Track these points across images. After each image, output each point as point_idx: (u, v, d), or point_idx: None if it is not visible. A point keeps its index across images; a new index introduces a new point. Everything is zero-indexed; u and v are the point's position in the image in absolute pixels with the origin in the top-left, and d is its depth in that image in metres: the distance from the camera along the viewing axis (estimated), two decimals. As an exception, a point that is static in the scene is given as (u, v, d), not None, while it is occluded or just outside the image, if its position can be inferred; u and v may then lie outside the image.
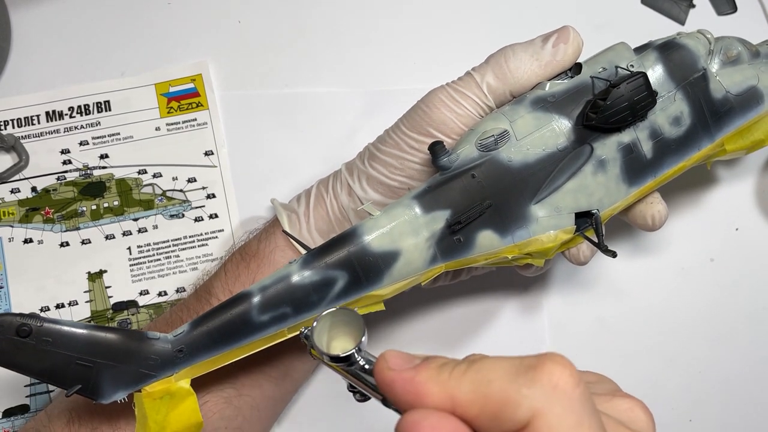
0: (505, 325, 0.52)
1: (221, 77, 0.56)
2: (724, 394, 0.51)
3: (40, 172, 0.54)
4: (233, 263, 0.44)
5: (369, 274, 0.38)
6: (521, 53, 0.41)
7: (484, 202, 0.38)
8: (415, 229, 0.38)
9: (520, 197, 0.39)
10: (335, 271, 0.37)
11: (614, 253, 0.40)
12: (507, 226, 0.39)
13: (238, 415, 0.43)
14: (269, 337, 0.38)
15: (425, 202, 0.38)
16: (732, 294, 0.53)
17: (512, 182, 0.39)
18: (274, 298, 0.37)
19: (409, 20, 0.57)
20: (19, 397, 0.50)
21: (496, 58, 0.41)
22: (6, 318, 0.35)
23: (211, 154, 0.54)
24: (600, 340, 0.52)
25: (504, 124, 0.39)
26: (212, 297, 0.43)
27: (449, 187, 0.38)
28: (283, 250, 0.43)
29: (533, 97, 0.40)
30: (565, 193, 0.39)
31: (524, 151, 0.39)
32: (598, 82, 0.40)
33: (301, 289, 0.37)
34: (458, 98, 0.41)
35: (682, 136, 0.41)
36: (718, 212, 0.54)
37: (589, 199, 0.40)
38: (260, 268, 0.43)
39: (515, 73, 0.40)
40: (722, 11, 0.58)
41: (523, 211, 0.39)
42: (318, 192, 0.45)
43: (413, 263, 0.38)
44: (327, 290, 0.38)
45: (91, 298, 0.51)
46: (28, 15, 0.57)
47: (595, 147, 0.39)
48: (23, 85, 0.55)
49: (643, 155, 0.40)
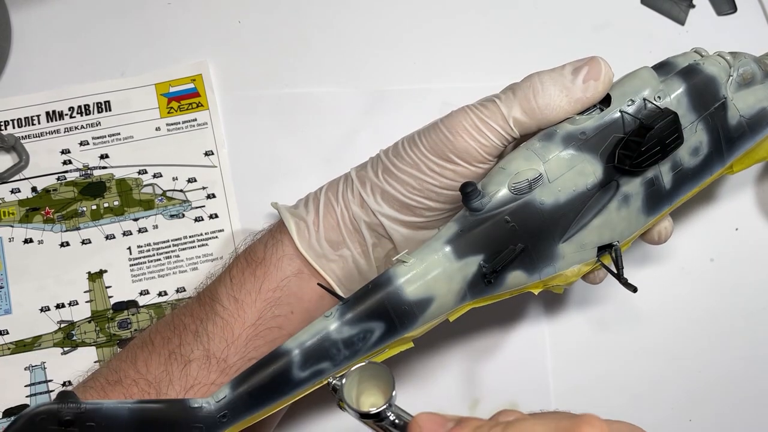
0: (504, 325, 0.52)
1: (221, 77, 0.56)
2: (724, 394, 0.51)
3: (41, 172, 0.54)
4: (238, 269, 0.44)
5: (404, 321, 0.37)
6: (550, 87, 0.39)
7: (517, 246, 0.38)
8: (449, 275, 0.37)
9: (550, 237, 0.39)
10: (372, 322, 0.37)
11: (635, 288, 0.40)
12: (536, 265, 0.39)
13: None
14: (306, 389, 0.38)
15: (458, 247, 0.38)
16: (732, 294, 0.53)
17: (544, 224, 0.38)
18: (313, 354, 0.36)
19: (409, 20, 0.57)
20: (19, 397, 0.50)
21: (524, 91, 0.40)
22: (46, 409, 0.32)
23: (211, 154, 0.54)
24: (600, 340, 0.52)
25: (537, 166, 0.38)
26: (216, 303, 0.43)
27: (482, 231, 0.38)
28: (291, 259, 0.43)
29: (564, 133, 0.39)
30: (591, 230, 0.40)
31: (556, 193, 0.38)
32: (627, 117, 0.39)
33: (339, 344, 0.37)
34: (483, 128, 0.40)
35: (699, 165, 0.42)
36: (718, 212, 0.54)
37: (611, 233, 0.40)
38: (267, 276, 0.43)
39: (544, 110, 0.39)
40: (722, 11, 0.58)
41: (552, 251, 0.39)
42: (327, 199, 0.44)
43: (445, 306, 0.38)
44: (364, 341, 0.37)
45: (91, 298, 0.52)
46: (28, 15, 0.56)
47: (621, 183, 0.40)
48: (23, 85, 0.55)
49: (663, 186, 0.41)
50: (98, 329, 0.51)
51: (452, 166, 0.40)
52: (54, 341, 0.51)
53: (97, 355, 0.51)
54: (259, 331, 0.42)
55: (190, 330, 0.42)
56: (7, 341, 0.51)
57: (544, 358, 0.51)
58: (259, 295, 0.42)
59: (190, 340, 0.42)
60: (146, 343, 0.43)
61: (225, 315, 0.42)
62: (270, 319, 0.42)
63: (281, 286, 0.43)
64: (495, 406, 0.50)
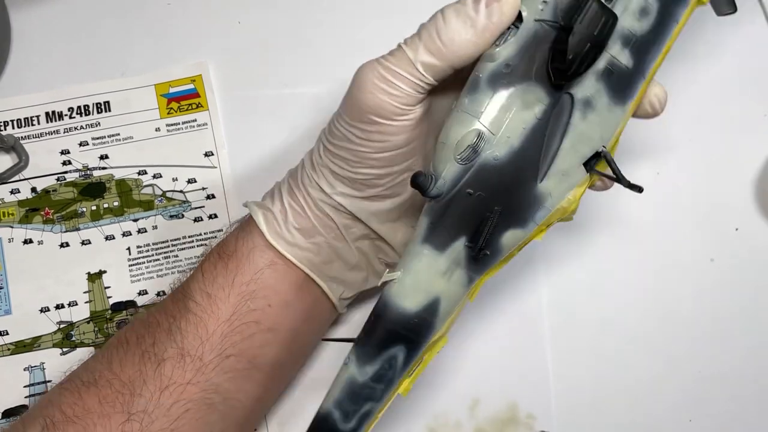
0: (504, 325, 0.52)
1: (221, 78, 0.56)
2: (724, 394, 0.51)
3: (40, 172, 0.54)
4: (210, 263, 0.42)
5: (420, 333, 0.36)
6: (453, 20, 0.36)
7: (493, 210, 0.36)
8: (440, 271, 0.36)
9: (524, 184, 0.36)
10: (390, 350, 0.36)
11: (640, 188, 0.36)
12: (525, 217, 0.36)
13: (223, 420, 0.42)
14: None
15: (436, 241, 0.36)
16: (732, 294, 0.53)
17: (509, 176, 0.36)
18: (351, 404, 0.36)
19: (408, 20, 0.57)
20: (18, 397, 0.50)
21: (428, 30, 0.36)
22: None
23: (211, 155, 0.54)
24: (600, 340, 0.52)
25: (474, 125, 0.35)
26: (188, 299, 0.41)
27: (451, 214, 0.36)
28: (262, 250, 0.42)
29: (487, 75, 0.35)
30: (565, 154, 0.36)
31: (506, 141, 0.35)
32: (546, 26, 0.35)
33: (369, 383, 0.36)
34: (391, 78, 0.37)
35: (655, 23, 0.36)
36: (718, 212, 0.54)
37: (591, 144, 0.36)
38: (240, 269, 0.41)
39: (451, 47, 0.36)
40: (722, 11, 0.58)
41: (533, 195, 0.36)
42: (289, 187, 0.43)
43: (454, 296, 0.37)
44: (392, 369, 0.36)
45: (90, 299, 0.51)
46: (28, 15, 0.56)
47: (573, 93, 0.36)
48: (23, 85, 0.55)
49: (624, 67, 0.36)
50: (97, 330, 0.51)
51: (375, 126, 0.38)
52: (53, 342, 0.51)
53: (96, 356, 0.51)
54: (235, 326, 0.41)
55: (163, 328, 0.41)
56: (6, 342, 0.51)
57: (544, 358, 0.51)
58: (232, 289, 0.41)
59: (163, 339, 0.40)
60: (122, 342, 0.41)
61: (198, 311, 0.41)
62: (246, 314, 0.41)
63: (255, 278, 0.41)
64: (495, 406, 0.50)
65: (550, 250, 0.53)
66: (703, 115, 0.56)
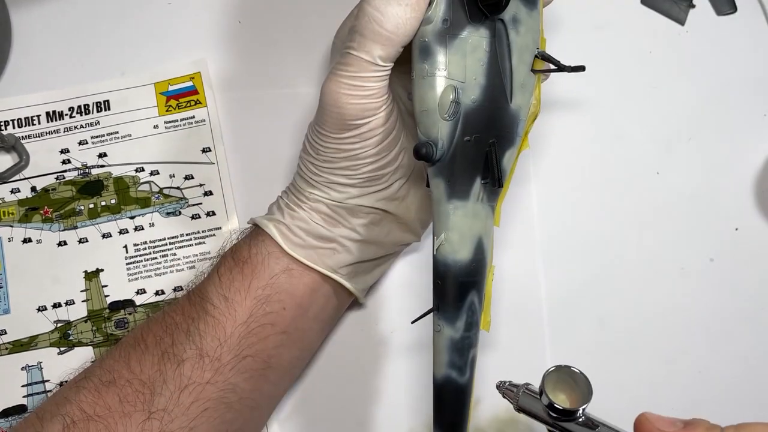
0: (504, 325, 0.52)
1: (221, 77, 0.56)
2: (724, 394, 0.51)
3: (40, 171, 0.54)
4: (226, 267, 0.44)
5: (480, 271, 0.40)
6: (388, 9, 0.38)
7: (490, 144, 0.39)
8: (473, 215, 0.40)
9: (502, 110, 0.40)
10: (467, 299, 0.39)
11: (582, 68, 0.40)
12: (512, 136, 0.41)
13: (239, 418, 0.43)
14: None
15: (458, 193, 0.39)
16: (732, 294, 0.52)
17: (489, 110, 0.40)
18: (460, 358, 0.39)
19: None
20: (16, 397, 0.50)
21: (369, 27, 0.38)
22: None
23: (209, 150, 0.54)
24: (600, 340, 0.52)
25: (445, 83, 0.39)
26: (206, 302, 0.43)
27: (460, 166, 0.39)
28: (278, 257, 0.43)
29: (433, 36, 0.39)
30: (517, 70, 0.40)
31: (474, 83, 0.39)
32: None
33: (465, 333, 0.40)
34: (361, 84, 0.40)
35: None
36: (718, 212, 0.54)
37: (530, 50, 0.41)
38: (255, 275, 0.43)
39: (398, 31, 0.38)
40: (722, 11, 0.58)
41: (510, 115, 0.40)
42: (294, 201, 0.44)
43: (488, 229, 0.41)
44: (475, 313, 0.40)
45: (87, 297, 0.51)
46: (28, 15, 0.57)
47: (502, 17, 0.39)
48: (23, 85, 0.55)
49: None
50: (95, 329, 0.51)
51: (359, 130, 0.41)
52: (50, 341, 0.51)
53: (93, 355, 0.50)
54: (252, 328, 0.42)
55: (182, 329, 0.42)
56: (4, 341, 0.50)
57: (544, 358, 0.51)
58: (248, 293, 0.43)
59: (182, 339, 0.42)
60: (139, 342, 0.42)
61: (216, 314, 0.42)
62: (261, 317, 0.43)
63: (270, 283, 0.43)
64: (495, 406, 0.50)
65: (550, 250, 0.53)
66: (703, 115, 0.56)
